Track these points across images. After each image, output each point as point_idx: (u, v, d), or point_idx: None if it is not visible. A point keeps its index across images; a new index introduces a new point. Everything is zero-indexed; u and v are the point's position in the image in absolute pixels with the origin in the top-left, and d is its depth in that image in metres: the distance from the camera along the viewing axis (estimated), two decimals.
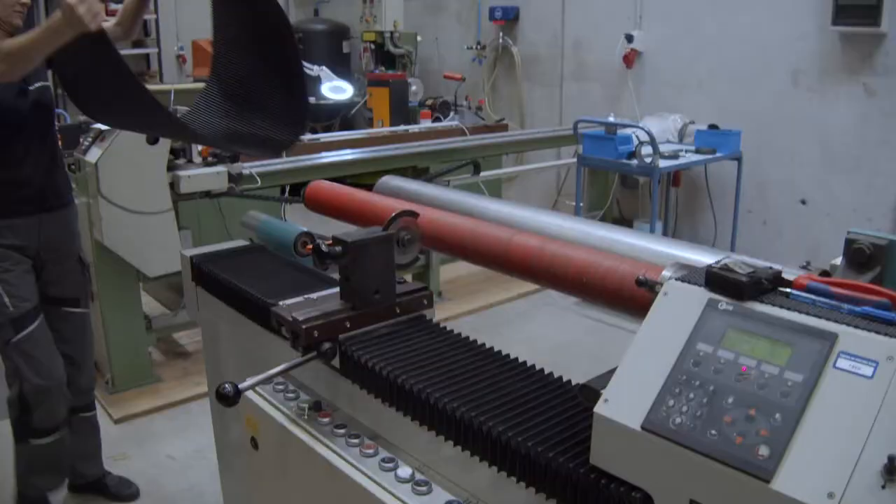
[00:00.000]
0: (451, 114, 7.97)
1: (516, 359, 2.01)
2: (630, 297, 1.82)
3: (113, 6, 10.47)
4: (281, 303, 2.20)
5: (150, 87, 8.14)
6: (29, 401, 3.50)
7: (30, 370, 3.46)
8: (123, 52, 3.18)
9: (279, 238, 2.81)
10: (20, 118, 3.32)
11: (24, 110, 3.33)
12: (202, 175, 4.81)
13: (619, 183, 7.66)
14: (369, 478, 1.88)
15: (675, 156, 6.33)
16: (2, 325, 3.40)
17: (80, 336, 3.81)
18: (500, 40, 8.91)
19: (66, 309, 3.71)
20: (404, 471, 1.87)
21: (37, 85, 3.41)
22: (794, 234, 6.75)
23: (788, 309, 1.43)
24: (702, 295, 1.49)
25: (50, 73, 3.39)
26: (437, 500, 1.79)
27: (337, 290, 2.22)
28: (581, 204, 6.80)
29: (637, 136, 6.27)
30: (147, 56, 11.01)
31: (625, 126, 6.50)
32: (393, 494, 1.82)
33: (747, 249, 6.75)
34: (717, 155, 6.62)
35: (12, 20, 3.09)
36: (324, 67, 5.85)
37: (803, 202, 6.72)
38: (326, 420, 2.10)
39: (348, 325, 2.10)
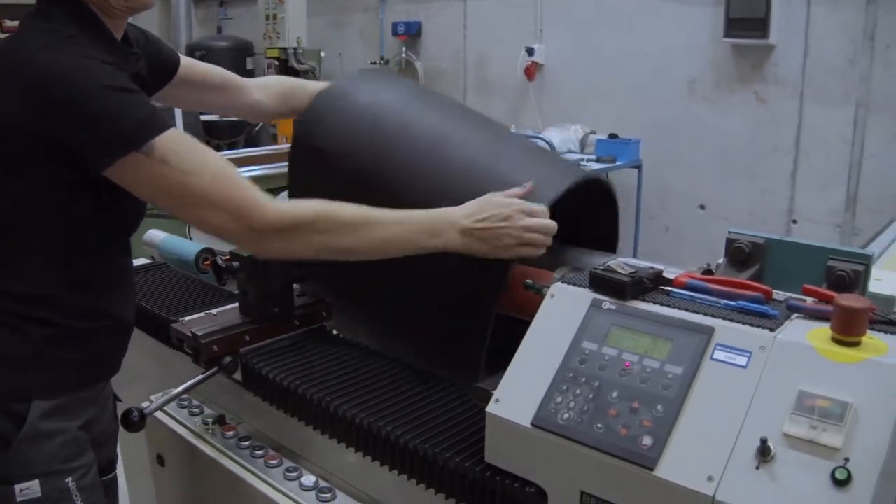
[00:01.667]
0: None
1: (413, 365, 2.05)
2: (521, 302, 1.86)
3: None
4: (181, 319, 2.20)
5: None
6: None
7: None
8: None
9: (181, 255, 2.81)
10: (133, 221, 1.93)
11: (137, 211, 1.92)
12: None
13: None
14: (274, 488, 1.91)
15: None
16: None
17: None
18: (404, 55, 8.93)
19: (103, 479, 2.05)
20: (308, 479, 1.90)
21: None
22: (694, 239, 6.90)
23: (668, 306, 1.50)
24: (586, 296, 1.55)
25: None
26: None
27: (237, 304, 2.24)
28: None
29: None
30: None
31: (527, 137, 6.58)
32: (298, 503, 1.85)
33: (650, 254, 6.87)
34: (618, 163, 6.72)
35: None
36: None
37: (702, 207, 6.88)
38: (231, 433, 2.12)
39: (248, 339, 2.12)
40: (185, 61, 2.17)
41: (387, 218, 1.76)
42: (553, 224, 1.82)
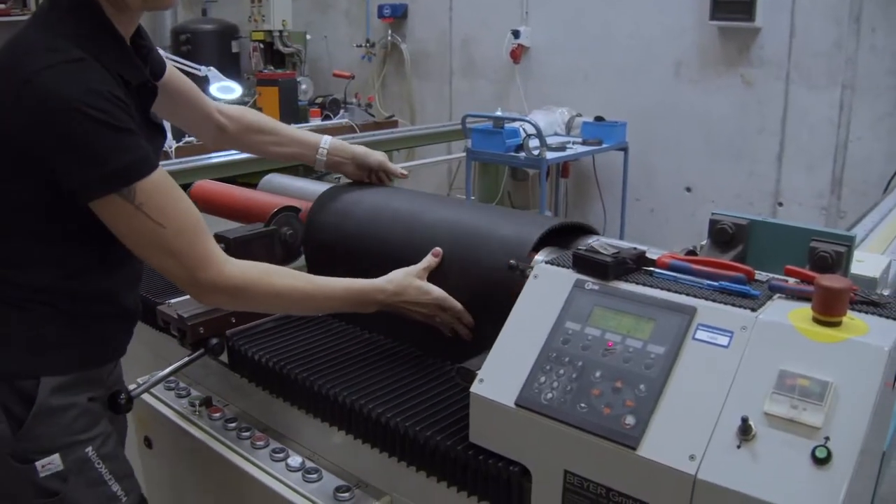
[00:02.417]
0: (341, 111, 7.95)
1: (399, 345, 2.07)
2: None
3: None
4: (167, 301, 2.20)
5: None
6: None
7: None
8: None
9: None
10: None
11: None
12: None
13: (509, 175, 7.74)
14: (261, 469, 1.92)
15: (562, 148, 6.42)
16: None
17: None
18: (389, 38, 8.90)
19: None
20: (294, 460, 1.91)
21: None
22: (680, 221, 6.92)
23: (651, 286, 1.51)
24: (569, 276, 1.56)
25: None
26: (328, 487, 1.84)
27: None
28: (472, 197, 6.86)
29: (524, 130, 6.34)
30: None
31: (512, 120, 6.57)
32: (285, 483, 1.86)
33: (636, 237, 6.89)
34: (604, 146, 6.73)
35: None
36: (212, 68, 5.78)
37: (688, 189, 6.89)
38: (218, 415, 2.13)
39: (234, 321, 2.12)
40: (169, 69, 2.18)
41: (321, 291, 1.91)
42: (464, 318, 1.97)
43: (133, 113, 1.68)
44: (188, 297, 2.19)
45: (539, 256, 1.78)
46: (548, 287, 1.57)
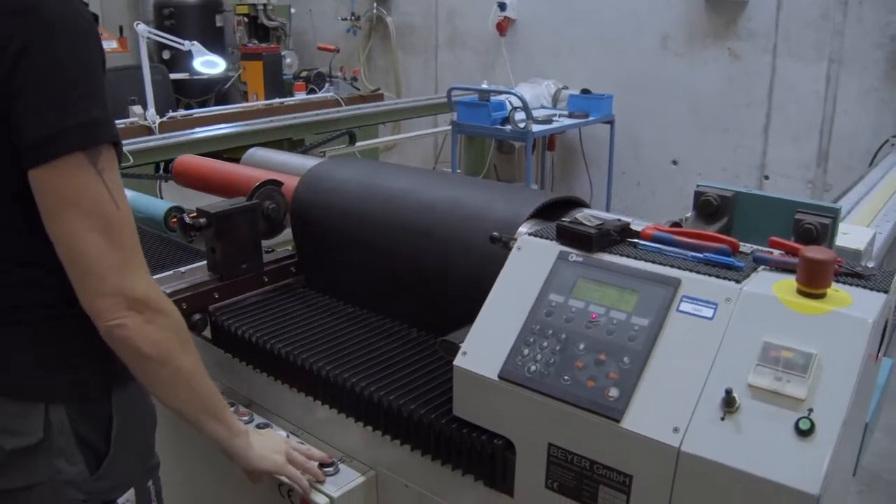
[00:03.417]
0: (326, 85, 7.90)
1: (382, 318, 2.06)
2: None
3: None
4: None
5: None
6: None
7: None
8: None
9: (148, 214, 2.78)
10: None
11: None
12: None
13: (495, 149, 7.72)
14: None
15: (548, 120, 6.40)
16: None
17: None
18: (375, 11, 8.85)
19: None
20: (279, 434, 1.90)
21: None
22: (667, 194, 6.91)
23: (635, 258, 1.50)
24: (553, 248, 1.55)
25: None
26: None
27: (205, 262, 2.22)
28: (458, 170, 6.84)
29: (510, 102, 6.32)
30: None
31: (498, 92, 6.54)
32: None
33: (623, 209, 6.89)
34: (590, 119, 6.71)
35: None
36: (195, 43, 5.74)
37: (675, 163, 6.89)
38: None
39: (217, 296, 2.11)
40: None
41: (210, 384, 1.63)
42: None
43: None
44: (170, 272, 2.19)
45: (523, 228, 1.77)
46: (531, 259, 1.56)
